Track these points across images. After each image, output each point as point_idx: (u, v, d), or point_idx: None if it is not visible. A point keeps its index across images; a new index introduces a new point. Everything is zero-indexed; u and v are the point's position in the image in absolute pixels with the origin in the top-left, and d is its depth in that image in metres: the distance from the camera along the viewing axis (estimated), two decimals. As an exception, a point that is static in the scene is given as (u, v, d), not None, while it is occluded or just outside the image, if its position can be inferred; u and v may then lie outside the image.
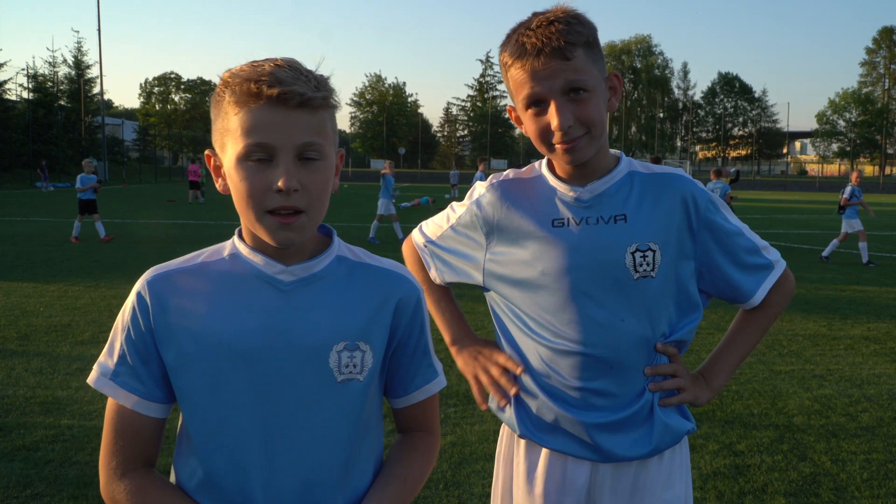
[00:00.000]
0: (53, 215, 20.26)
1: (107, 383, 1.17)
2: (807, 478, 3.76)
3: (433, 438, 1.35)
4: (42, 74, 50.42)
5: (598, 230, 1.48)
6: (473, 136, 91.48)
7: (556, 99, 1.38)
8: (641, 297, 1.47)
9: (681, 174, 1.54)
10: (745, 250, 1.54)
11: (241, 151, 1.09)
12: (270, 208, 1.10)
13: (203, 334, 1.14)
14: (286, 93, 1.06)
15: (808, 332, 7.04)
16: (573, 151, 1.42)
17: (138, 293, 1.17)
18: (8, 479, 3.52)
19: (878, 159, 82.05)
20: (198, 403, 1.16)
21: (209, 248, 1.24)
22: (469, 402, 4.71)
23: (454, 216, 1.66)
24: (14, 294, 8.11)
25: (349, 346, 1.18)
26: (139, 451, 1.18)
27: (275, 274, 1.17)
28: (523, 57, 1.38)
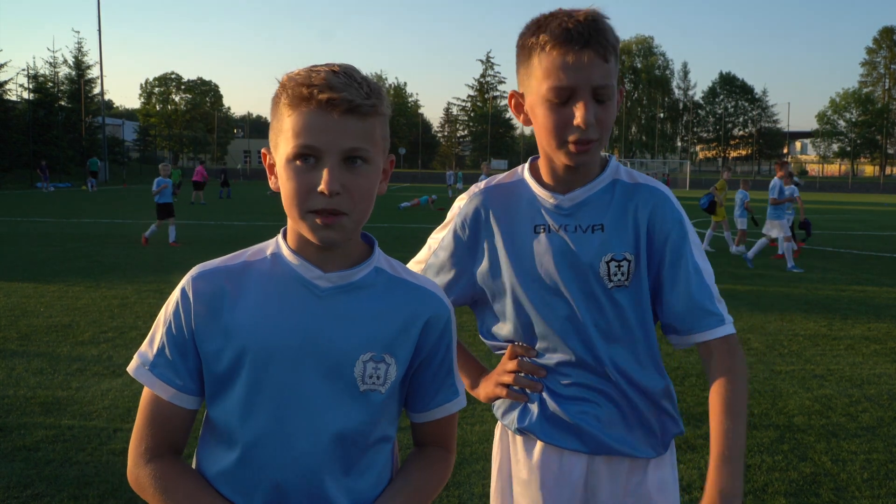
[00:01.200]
0: (54, 215, 20.27)
1: (145, 373, 1.21)
2: (807, 478, 3.76)
3: (449, 455, 1.37)
4: (42, 75, 50.42)
5: (576, 238, 1.49)
6: (474, 137, 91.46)
7: (586, 95, 1.36)
8: (616, 305, 1.50)
9: (660, 189, 1.52)
10: (695, 285, 1.45)
11: (290, 152, 1.13)
12: (313, 209, 1.13)
13: (238, 331, 1.18)
14: (336, 98, 1.11)
15: (809, 332, 7.04)
16: (583, 154, 1.40)
17: (182, 289, 1.21)
18: (8, 479, 3.52)
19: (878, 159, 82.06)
20: (226, 397, 1.20)
21: (254, 246, 1.28)
22: (469, 402, 4.69)
23: (434, 243, 1.64)
24: (14, 294, 8.11)
25: (375, 358, 1.21)
26: (168, 439, 1.21)
27: (313, 279, 1.20)
28: (567, 44, 1.34)
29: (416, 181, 63.06)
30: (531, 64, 1.40)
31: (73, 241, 13.57)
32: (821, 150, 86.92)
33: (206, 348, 1.19)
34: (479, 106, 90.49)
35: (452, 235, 1.59)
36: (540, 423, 1.57)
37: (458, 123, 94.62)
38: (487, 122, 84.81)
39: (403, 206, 25.61)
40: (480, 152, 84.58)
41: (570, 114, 1.37)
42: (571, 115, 1.37)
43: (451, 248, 1.59)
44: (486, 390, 1.67)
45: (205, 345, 1.20)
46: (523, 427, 1.59)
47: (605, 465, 1.57)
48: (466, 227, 1.57)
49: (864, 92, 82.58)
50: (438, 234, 1.65)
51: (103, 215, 20.65)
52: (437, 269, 1.62)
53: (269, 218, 19.97)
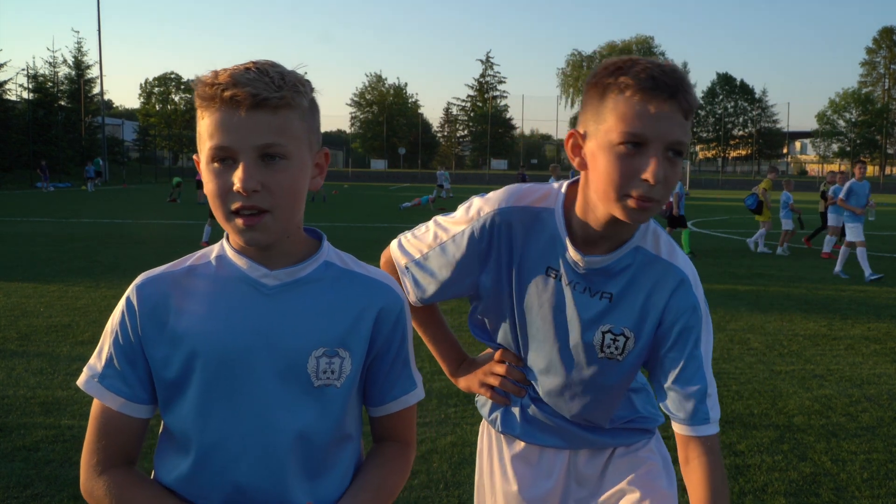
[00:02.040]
0: (53, 215, 20.27)
1: (94, 385, 1.20)
2: (807, 478, 3.76)
3: (408, 449, 1.36)
4: (42, 75, 50.38)
5: (581, 299, 1.45)
6: (474, 137, 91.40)
7: (660, 149, 1.25)
8: (600, 373, 1.50)
9: (682, 269, 1.44)
10: (695, 380, 1.42)
11: (207, 155, 1.12)
12: (234, 209, 1.11)
13: (186, 336, 1.17)
14: (239, 94, 1.08)
15: (809, 332, 7.04)
16: (643, 213, 1.28)
17: (127, 297, 1.21)
18: (8, 479, 3.52)
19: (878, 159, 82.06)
20: (180, 403, 1.19)
21: (200, 251, 1.26)
22: (469, 402, 4.71)
23: (443, 234, 1.53)
24: (14, 294, 8.10)
25: (328, 353, 1.20)
26: (120, 449, 1.21)
27: (259, 277, 1.19)
28: (651, 91, 1.24)
29: (416, 181, 63.00)
30: (604, 105, 1.29)
31: (73, 241, 13.56)
32: (820, 150, 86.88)
33: (154, 355, 1.18)
34: (478, 106, 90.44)
35: (467, 239, 1.49)
36: (522, 427, 1.62)
37: (458, 123, 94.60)
38: (487, 122, 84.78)
39: (404, 207, 25.62)
40: (480, 152, 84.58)
41: (638, 166, 1.26)
42: (639, 168, 1.26)
43: (463, 252, 1.50)
44: (468, 384, 1.68)
45: (152, 352, 1.18)
46: (506, 431, 1.64)
47: (587, 454, 1.63)
48: (485, 237, 1.48)
49: (863, 92, 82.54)
50: (449, 225, 1.54)
51: (103, 215, 20.65)
52: (440, 264, 1.54)
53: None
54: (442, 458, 3.89)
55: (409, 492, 3.51)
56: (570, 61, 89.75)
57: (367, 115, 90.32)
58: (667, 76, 1.25)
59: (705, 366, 1.43)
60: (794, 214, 13.97)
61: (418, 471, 3.74)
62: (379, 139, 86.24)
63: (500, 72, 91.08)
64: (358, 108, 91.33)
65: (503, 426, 1.64)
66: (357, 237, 14.74)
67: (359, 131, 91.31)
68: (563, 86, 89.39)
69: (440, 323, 1.74)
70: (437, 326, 1.73)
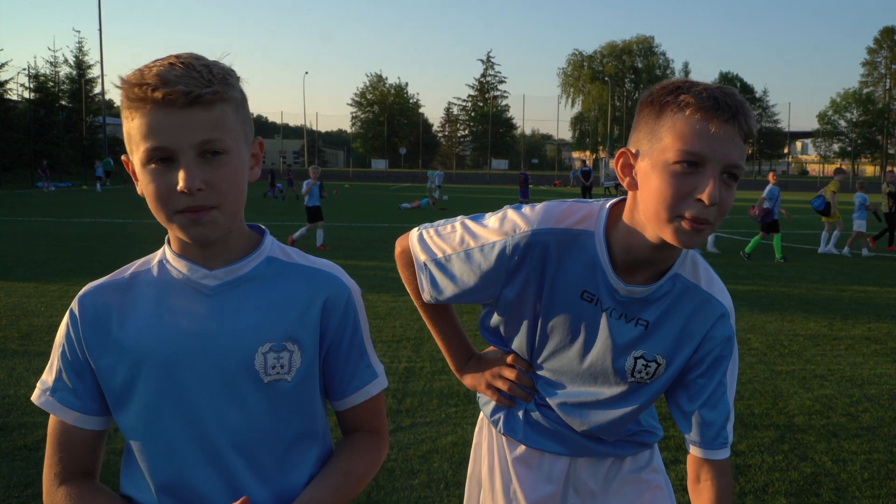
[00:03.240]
0: (54, 215, 20.28)
1: (46, 399, 1.20)
2: (807, 478, 3.76)
3: (378, 439, 1.33)
4: (43, 74, 50.37)
5: (617, 325, 1.43)
6: (474, 136, 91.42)
7: (717, 170, 1.22)
8: (627, 397, 1.50)
9: (722, 302, 1.43)
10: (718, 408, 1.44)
11: (143, 156, 1.09)
12: (178, 209, 1.09)
13: (130, 344, 1.16)
14: (171, 93, 1.05)
15: (809, 332, 7.03)
16: (695, 235, 1.24)
17: (70, 310, 1.20)
18: (9, 479, 3.52)
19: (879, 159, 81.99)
20: (131, 412, 1.18)
21: (141, 258, 1.25)
22: (469, 402, 4.71)
23: (471, 241, 1.46)
24: (15, 294, 8.11)
25: (275, 348, 1.18)
26: (78, 462, 1.21)
27: (199, 279, 1.17)
28: (713, 111, 1.21)
29: (417, 181, 62.97)
30: (661, 123, 1.25)
31: (73, 241, 13.57)
32: (821, 150, 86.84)
33: (100, 364, 1.18)
34: (479, 106, 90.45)
35: (497, 253, 1.43)
36: (524, 430, 1.61)
37: (459, 123, 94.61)
38: (488, 122, 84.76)
39: (404, 207, 25.62)
40: (481, 152, 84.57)
41: (693, 185, 1.22)
42: (695, 188, 1.22)
43: (491, 265, 1.44)
44: (474, 382, 1.67)
45: (98, 361, 1.18)
46: (507, 433, 1.63)
47: (586, 462, 1.61)
48: (517, 255, 1.42)
49: (864, 92, 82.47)
50: (480, 232, 1.46)
51: (103, 215, 20.66)
52: (462, 270, 1.47)
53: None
54: (442, 458, 3.89)
55: (410, 492, 3.51)
56: (571, 61, 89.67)
57: (368, 115, 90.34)
58: (728, 97, 1.23)
59: (729, 393, 1.45)
60: (867, 213, 14.11)
61: (419, 470, 3.74)
62: (380, 139, 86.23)
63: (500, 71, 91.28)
64: (359, 108, 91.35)
65: (505, 428, 1.63)
66: (357, 237, 14.74)
67: (359, 131, 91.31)
68: (564, 85, 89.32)
69: (451, 318, 1.70)
70: (448, 321, 1.70)
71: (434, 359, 5.70)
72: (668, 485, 1.67)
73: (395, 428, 4.32)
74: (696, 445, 1.45)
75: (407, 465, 3.79)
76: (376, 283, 8.98)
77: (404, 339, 6.42)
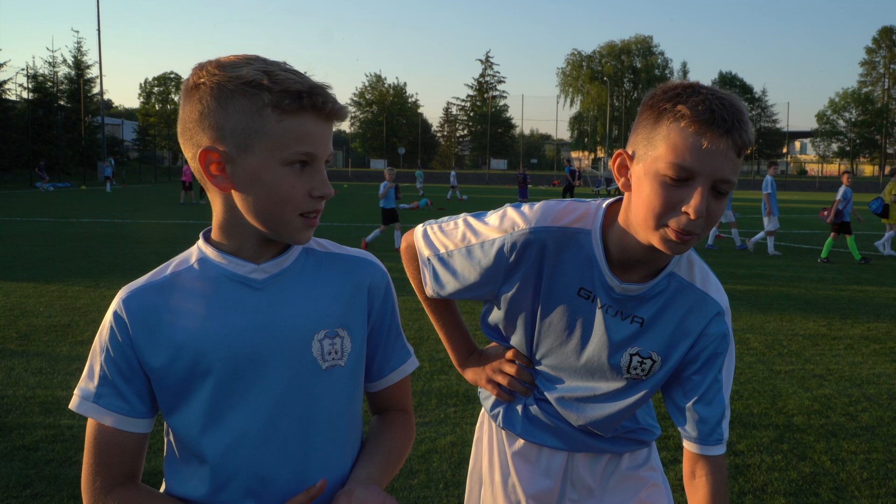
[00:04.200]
0: (53, 215, 20.27)
1: (90, 406, 1.18)
2: (807, 477, 3.76)
3: (410, 417, 1.41)
4: (42, 74, 50.38)
5: (612, 322, 1.45)
6: (473, 136, 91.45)
7: (706, 184, 1.23)
8: (623, 393, 1.51)
9: (717, 301, 1.44)
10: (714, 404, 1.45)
11: (287, 157, 1.12)
12: (304, 211, 1.16)
13: (185, 342, 1.16)
14: (337, 110, 1.15)
15: (808, 332, 7.04)
16: (680, 245, 1.28)
17: (115, 313, 1.18)
18: (8, 479, 3.52)
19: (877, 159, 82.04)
20: (187, 409, 1.18)
21: (175, 258, 1.25)
22: (469, 402, 4.71)
23: (472, 237, 1.51)
24: (14, 294, 8.10)
25: (329, 334, 1.22)
26: (124, 467, 1.20)
27: (247, 273, 1.20)
28: (707, 125, 1.21)
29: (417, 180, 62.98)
30: (657, 131, 1.26)
31: (73, 241, 13.56)
32: (820, 149, 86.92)
33: (153, 364, 1.17)
34: (478, 105, 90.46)
35: (496, 250, 1.47)
36: (523, 424, 1.62)
37: (458, 123, 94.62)
38: (487, 122, 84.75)
39: (403, 208, 25.63)
40: (480, 152, 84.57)
41: (681, 197, 1.24)
42: (682, 200, 1.24)
43: (490, 262, 1.48)
44: (475, 377, 1.69)
45: (150, 361, 1.17)
46: (506, 427, 1.65)
47: (584, 458, 1.62)
48: (514, 253, 1.46)
49: (863, 92, 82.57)
50: (481, 229, 1.50)
51: (103, 215, 20.65)
52: (463, 266, 1.52)
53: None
54: (442, 458, 3.89)
55: (409, 492, 3.51)
56: (570, 61, 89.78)
57: (367, 115, 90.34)
58: (725, 110, 1.22)
59: (725, 390, 1.46)
60: None
61: (418, 470, 3.74)
62: (379, 139, 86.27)
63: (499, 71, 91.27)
64: (358, 108, 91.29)
65: (504, 422, 1.64)
66: (357, 237, 14.73)
67: (359, 131, 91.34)
68: (563, 85, 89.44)
69: (454, 313, 1.73)
70: (451, 316, 1.72)
71: (433, 359, 5.70)
72: (666, 483, 1.68)
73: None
74: (691, 441, 1.46)
75: (406, 465, 3.79)
76: (375, 283, 8.96)
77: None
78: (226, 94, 1.11)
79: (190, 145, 1.15)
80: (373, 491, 1.18)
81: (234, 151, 1.13)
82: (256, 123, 1.11)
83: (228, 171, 1.14)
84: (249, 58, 1.15)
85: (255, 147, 1.12)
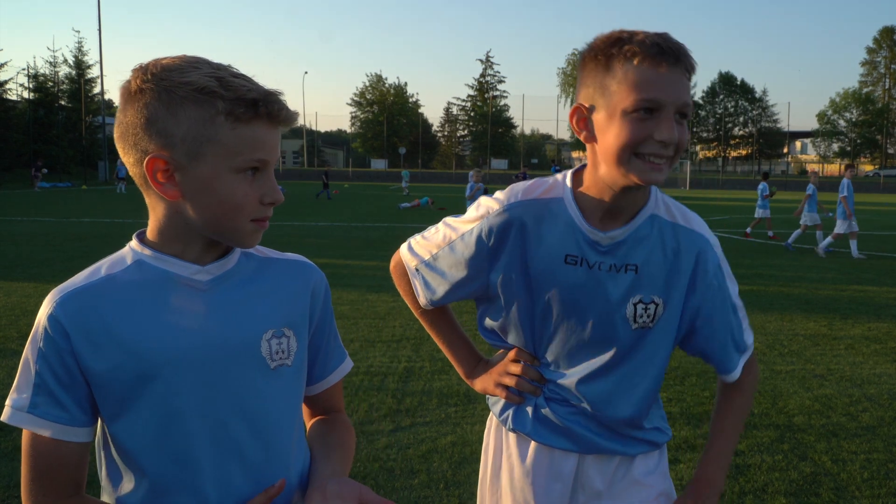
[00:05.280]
0: (54, 215, 20.28)
1: (24, 416, 1.13)
2: (807, 477, 3.76)
3: (347, 418, 1.44)
4: (43, 74, 50.42)
5: (608, 277, 1.46)
6: (474, 136, 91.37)
7: (671, 111, 1.31)
8: (635, 347, 1.51)
9: (700, 232, 1.50)
10: (734, 327, 1.56)
11: (239, 164, 1.12)
12: (256, 217, 1.16)
13: (132, 346, 1.12)
14: (289, 116, 1.15)
15: (809, 332, 7.04)
16: (656, 172, 1.34)
17: (50, 316, 1.12)
18: (8, 479, 3.52)
19: (878, 159, 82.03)
20: (137, 416, 1.14)
21: (103, 260, 1.20)
22: (469, 402, 4.71)
23: (452, 234, 1.55)
24: (15, 294, 8.12)
25: (276, 333, 1.23)
26: (67, 479, 1.15)
27: (191, 275, 1.17)
28: (660, 57, 1.29)
29: (416, 181, 63.01)
30: (610, 76, 1.33)
31: (73, 241, 13.57)
32: (821, 149, 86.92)
33: (96, 369, 1.12)
34: (479, 105, 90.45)
35: (476, 238, 1.50)
36: (533, 425, 1.60)
37: (459, 123, 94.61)
38: (487, 122, 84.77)
39: (403, 207, 25.64)
40: (481, 152, 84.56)
41: (651, 129, 1.31)
42: (652, 130, 1.31)
43: (473, 251, 1.51)
44: (484, 385, 1.68)
45: (93, 366, 1.12)
46: (517, 429, 1.62)
47: (595, 461, 1.60)
48: (493, 235, 1.49)
49: (864, 92, 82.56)
50: (458, 224, 1.55)
51: (103, 215, 20.66)
52: (450, 264, 1.55)
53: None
54: (442, 458, 3.89)
55: (410, 492, 3.51)
56: (571, 61, 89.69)
57: (368, 115, 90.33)
58: (669, 42, 1.31)
59: (739, 311, 1.57)
60: None
61: (419, 470, 3.74)
62: (379, 139, 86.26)
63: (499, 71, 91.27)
64: (358, 108, 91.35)
65: (514, 423, 1.62)
66: (357, 237, 14.72)
67: (359, 131, 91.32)
68: (564, 85, 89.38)
69: (452, 324, 1.72)
70: (450, 328, 1.72)
71: (434, 359, 5.70)
72: (674, 493, 1.66)
73: (395, 428, 4.32)
74: (728, 372, 1.58)
75: (407, 465, 3.79)
76: (376, 283, 8.97)
77: (404, 338, 6.42)
78: (175, 100, 1.08)
79: (134, 151, 1.11)
80: (346, 483, 1.18)
81: (183, 159, 1.10)
82: (209, 131, 1.09)
83: (177, 179, 1.11)
84: (194, 61, 1.12)
85: (207, 155, 1.10)
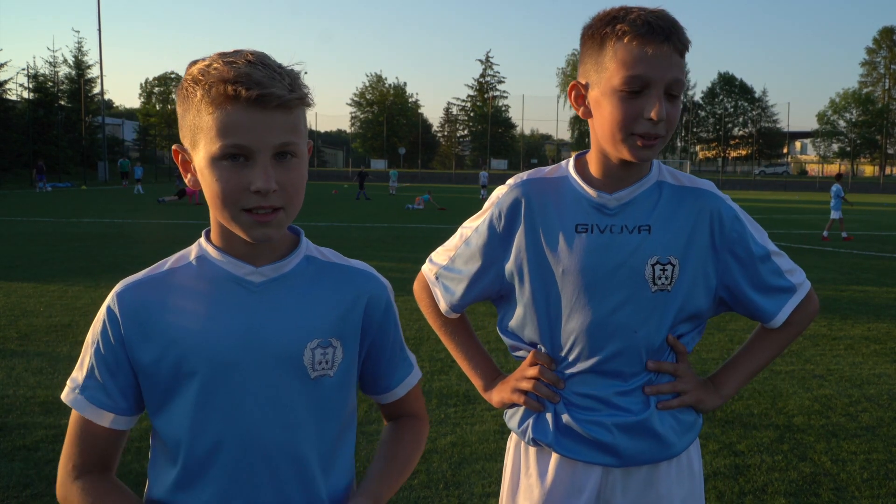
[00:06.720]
0: (53, 215, 20.27)
1: (75, 397, 1.19)
2: (807, 478, 3.76)
3: (421, 422, 1.42)
4: (42, 74, 50.38)
5: (622, 239, 1.46)
6: (473, 136, 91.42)
7: (660, 89, 1.35)
8: (656, 310, 1.47)
9: (710, 190, 1.51)
10: (770, 273, 1.52)
11: (216, 152, 1.08)
12: (247, 207, 1.10)
13: (176, 339, 1.15)
14: (266, 95, 1.06)
15: (809, 332, 7.02)
16: (648, 150, 1.38)
17: (108, 307, 1.18)
18: (8, 479, 3.52)
19: (878, 159, 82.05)
20: (173, 407, 1.17)
21: (174, 255, 1.24)
22: (469, 402, 4.71)
23: (467, 231, 1.59)
24: (14, 294, 8.11)
25: (322, 343, 1.20)
26: (97, 457, 1.20)
27: (245, 275, 1.18)
28: (648, 35, 1.33)
29: (416, 181, 63.04)
30: (603, 53, 1.38)
31: (73, 241, 13.56)
32: (821, 150, 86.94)
33: (141, 360, 1.16)
34: (478, 106, 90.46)
35: (487, 225, 1.55)
36: (555, 435, 1.53)
37: (458, 123, 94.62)
38: (487, 122, 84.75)
39: (409, 208, 25.71)
40: (481, 152, 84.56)
41: (641, 106, 1.35)
42: (641, 108, 1.35)
43: (485, 238, 1.55)
44: (502, 395, 1.62)
45: (139, 356, 1.16)
46: (538, 438, 1.55)
47: (620, 475, 1.53)
48: (502, 216, 1.53)
49: (864, 92, 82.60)
50: (472, 222, 1.60)
51: (103, 215, 20.65)
52: (466, 259, 1.58)
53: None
54: (442, 458, 3.89)
55: (409, 492, 3.51)
56: (571, 61, 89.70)
57: (368, 115, 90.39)
58: (660, 20, 1.34)
59: (773, 256, 1.52)
60: None
61: (418, 471, 3.73)
62: (379, 139, 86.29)
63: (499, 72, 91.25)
64: (358, 108, 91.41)
65: (535, 432, 1.55)
66: (357, 237, 14.73)
67: (359, 131, 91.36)
68: (563, 85, 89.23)
69: (471, 338, 1.71)
70: (469, 341, 1.70)
71: (434, 359, 5.69)
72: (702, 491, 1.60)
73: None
74: (779, 317, 1.55)
75: (406, 466, 3.78)
76: (376, 283, 8.96)
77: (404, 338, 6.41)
78: (182, 93, 1.12)
79: None
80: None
81: (189, 149, 1.14)
82: (197, 119, 1.10)
83: (192, 168, 1.16)
84: (218, 54, 1.12)
85: (199, 143, 1.11)
